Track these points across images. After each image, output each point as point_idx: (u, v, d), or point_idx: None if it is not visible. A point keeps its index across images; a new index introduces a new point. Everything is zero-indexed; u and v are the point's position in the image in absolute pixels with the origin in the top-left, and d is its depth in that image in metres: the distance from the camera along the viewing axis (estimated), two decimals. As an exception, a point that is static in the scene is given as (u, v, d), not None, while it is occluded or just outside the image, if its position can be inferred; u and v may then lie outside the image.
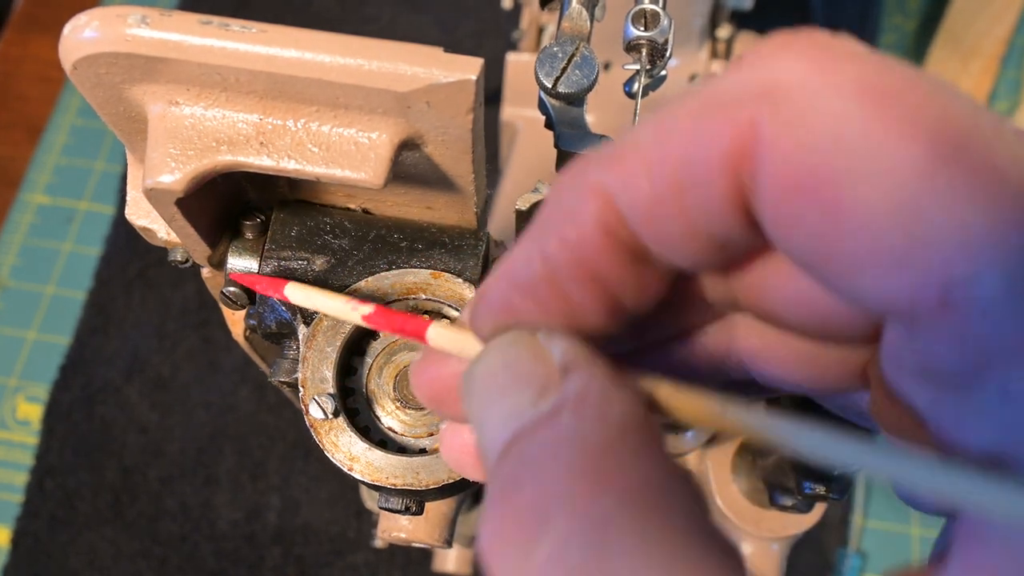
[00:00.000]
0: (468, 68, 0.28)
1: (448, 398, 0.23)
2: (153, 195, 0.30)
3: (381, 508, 0.35)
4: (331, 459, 0.33)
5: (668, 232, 0.19)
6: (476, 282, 0.35)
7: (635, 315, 0.21)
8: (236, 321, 0.41)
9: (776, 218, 0.17)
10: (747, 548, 0.54)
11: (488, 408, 0.19)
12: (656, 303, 0.21)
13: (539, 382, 0.18)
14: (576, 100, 0.35)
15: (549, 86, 0.35)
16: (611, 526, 0.15)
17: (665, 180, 0.18)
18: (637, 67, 0.38)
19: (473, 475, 0.24)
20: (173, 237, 0.36)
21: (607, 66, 0.69)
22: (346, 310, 0.28)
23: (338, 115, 0.29)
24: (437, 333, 0.23)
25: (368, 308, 0.27)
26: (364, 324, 0.27)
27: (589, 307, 0.20)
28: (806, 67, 0.17)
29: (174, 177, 0.30)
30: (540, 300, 0.20)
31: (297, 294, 0.31)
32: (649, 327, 0.23)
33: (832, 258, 0.16)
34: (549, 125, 0.36)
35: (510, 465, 0.17)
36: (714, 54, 0.73)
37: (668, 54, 0.38)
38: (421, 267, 0.35)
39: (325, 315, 0.34)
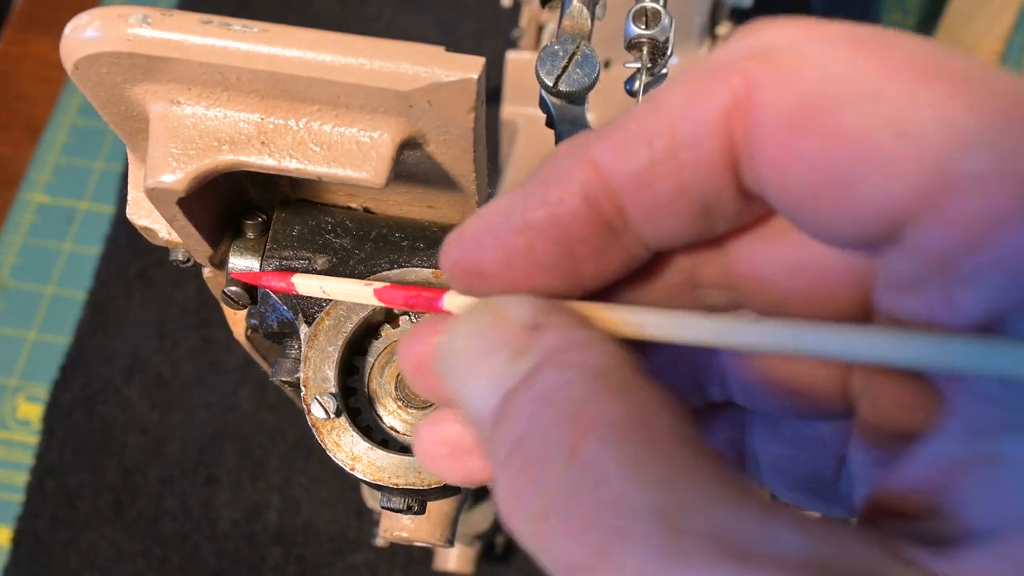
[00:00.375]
0: (470, 67, 0.28)
1: (430, 367, 0.23)
2: (155, 195, 0.30)
3: (383, 508, 0.35)
4: (333, 459, 0.33)
5: (656, 196, 0.20)
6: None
7: (587, 289, 0.22)
8: (237, 321, 0.41)
9: (775, 159, 0.18)
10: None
11: (467, 381, 0.20)
12: (611, 281, 0.22)
13: (510, 345, 0.20)
14: (577, 98, 0.35)
15: (550, 85, 0.35)
16: (600, 461, 0.17)
17: (660, 143, 0.19)
18: (638, 65, 0.38)
19: (447, 471, 0.24)
20: (174, 237, 0.36)
21: (608, 64, 0.69)
22: (357, 288, 0.28)
23: (340, 114, 0.29)
24: (453, 298, 0.24)
25: (379, 284, 0.27)
26: (376, 301, 0.27)
27: (549, 265, 0.21)
28: (792, 31, 0.19)
29: (176, 177, 0.30)
30: (507, 248, 0.21)
31: (304, 283, 0.31)
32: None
33: (830, 184, 0.18)
34: (550, 123, 0.36)
35: (507, 427, 0.19)
36: (714, 52, 0.73)
37: (669, 52, 0.38)
38: (423, 266, 0.35)
39: (327, 315, 0.34)
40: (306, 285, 0.30)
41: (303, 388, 0.34)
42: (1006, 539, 0.15)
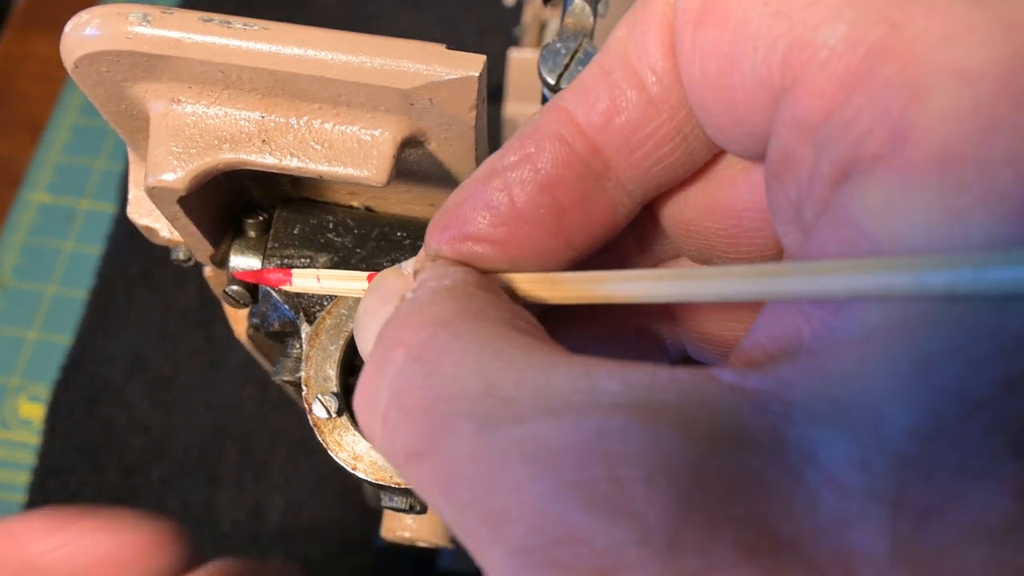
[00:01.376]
0: (471, 65, 0.27)
1: None
2: (155, 193, 0.30)
3: (385, 507, 0.35)
4: (335, 458, 0.33)
5: (629, 123, 0.20)
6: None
7: (577, 248, 0.22)
8: (239, 320, 0.41)
9: (684, 55, 0.19)
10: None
11: (367, 333, 0.21)
12: (600, 240, 0.22)
13: (399, 292, 0.21)
14: (579, 97, 0.35)
15: (552, 82, 0.35)
16: (432, 353, 0.18)
17: (617, 67, 0.20)
18: (640, 63, 0.38)
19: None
20: (175, 236, 0.36)
21: (609, 63, 0.69)
22: (351, 275, 0.28)
23: (341, 112, 0.29)
24: None
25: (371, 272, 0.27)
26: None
27: (534, 220, 0.21)
28: None
29: (176, 175, 0.29)
30: (489, 207, 0.21)
31: (302, 275, 0.31)
32: None
33: (719, 70, 0.19)
34: (552, 122, 0.36)
35: (374, 347, 0.20)
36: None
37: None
38: (424, 265, 0.35)
39: (328, 314, 0.34)
40: (303, 275, 0.31)
41: (304, 387, 0.34)
42: (816, 353, 0.16)
